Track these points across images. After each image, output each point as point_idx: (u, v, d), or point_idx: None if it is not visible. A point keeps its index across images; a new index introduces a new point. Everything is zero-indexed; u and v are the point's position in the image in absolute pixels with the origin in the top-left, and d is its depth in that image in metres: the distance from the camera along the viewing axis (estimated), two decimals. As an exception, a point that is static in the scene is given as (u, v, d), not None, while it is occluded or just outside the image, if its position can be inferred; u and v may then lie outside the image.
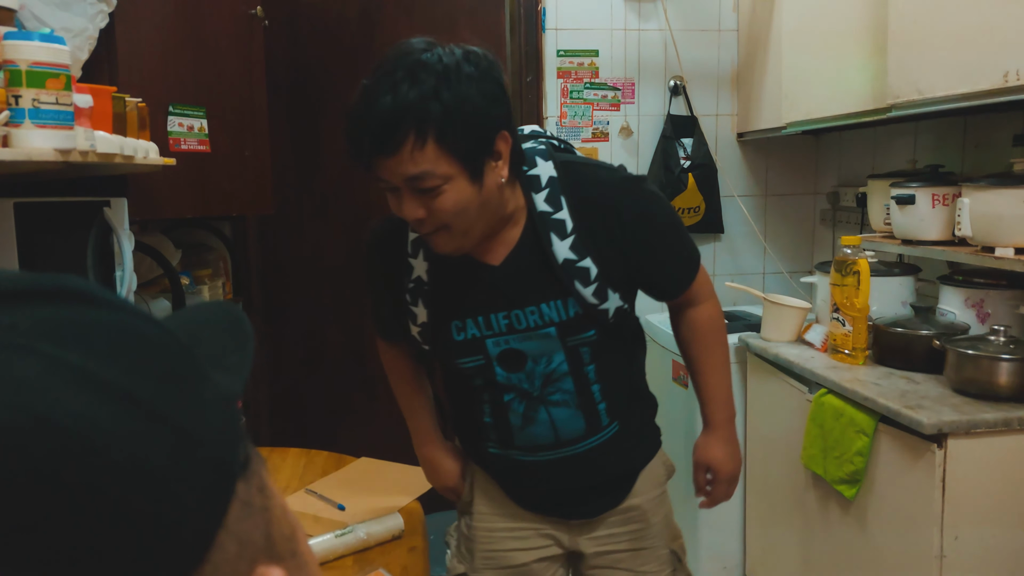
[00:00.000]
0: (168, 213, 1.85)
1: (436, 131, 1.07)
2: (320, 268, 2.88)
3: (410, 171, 1.09)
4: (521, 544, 1.42)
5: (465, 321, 1.27)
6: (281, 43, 2.72)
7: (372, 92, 1.09)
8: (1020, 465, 1.66)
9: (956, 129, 2.35)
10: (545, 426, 1.32)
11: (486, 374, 1.30)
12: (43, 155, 1.02)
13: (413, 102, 1.06)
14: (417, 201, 1.12)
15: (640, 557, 1.44)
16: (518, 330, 1.26)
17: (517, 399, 1.31)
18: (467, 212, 1.14)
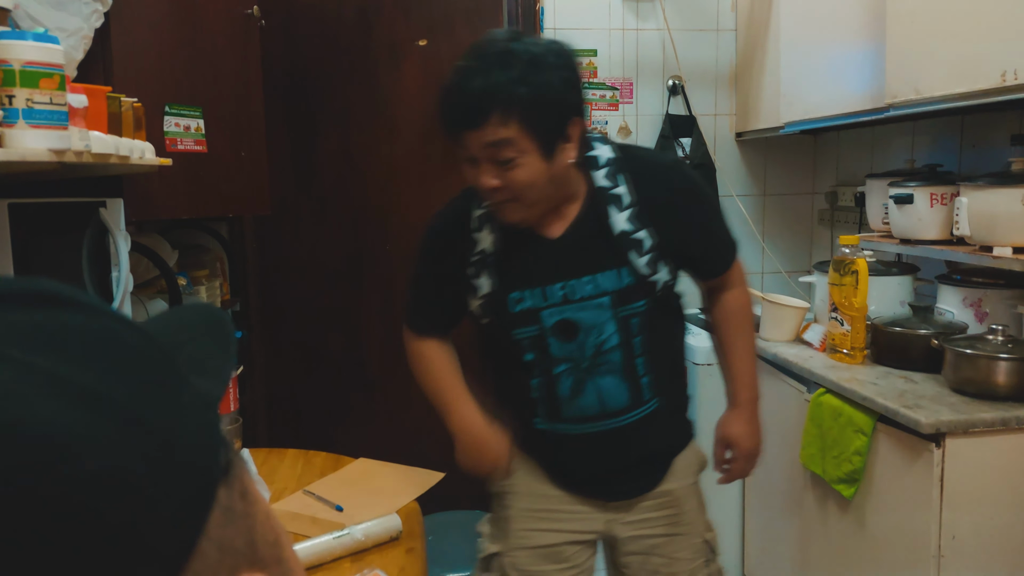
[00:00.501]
0: (164, 214, 1.84)
1: (520, 112, 1.20)
2: (318, 269, 2.88)
3: (490, 139, 1.22)
4: (556, 525, 1.47)
5: (523, 292, 1.36)
6: (277, 43, 2.71)
7: (465, 74, 1.22)
8: (1018, 464, 1.66)
9: (954, 128, 2.34)
10: (592, 397, 1.38)
11: (539, 345, 1.37)
12: (37, 155, 1.02)
13: (502, 84, 1.19)
14: (493, 172, 1.25)
15: (675, 543, 1.49)
16: (573, 300, 1.35)
17: (567, 370, 1.37)
18: (536, 186, 1.26)
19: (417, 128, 2.81)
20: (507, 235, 1.36)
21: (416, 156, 2.82)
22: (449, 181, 2.82)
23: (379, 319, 2.89)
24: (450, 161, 2.82)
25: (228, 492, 0.32)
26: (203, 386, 0.34)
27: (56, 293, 0.30)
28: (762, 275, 3.12)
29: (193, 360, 0.35)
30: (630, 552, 1.50)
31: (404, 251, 2.85)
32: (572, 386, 1.38)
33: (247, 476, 0.35)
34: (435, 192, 2.82)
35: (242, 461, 0.35)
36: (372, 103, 2.80)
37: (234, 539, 0.32)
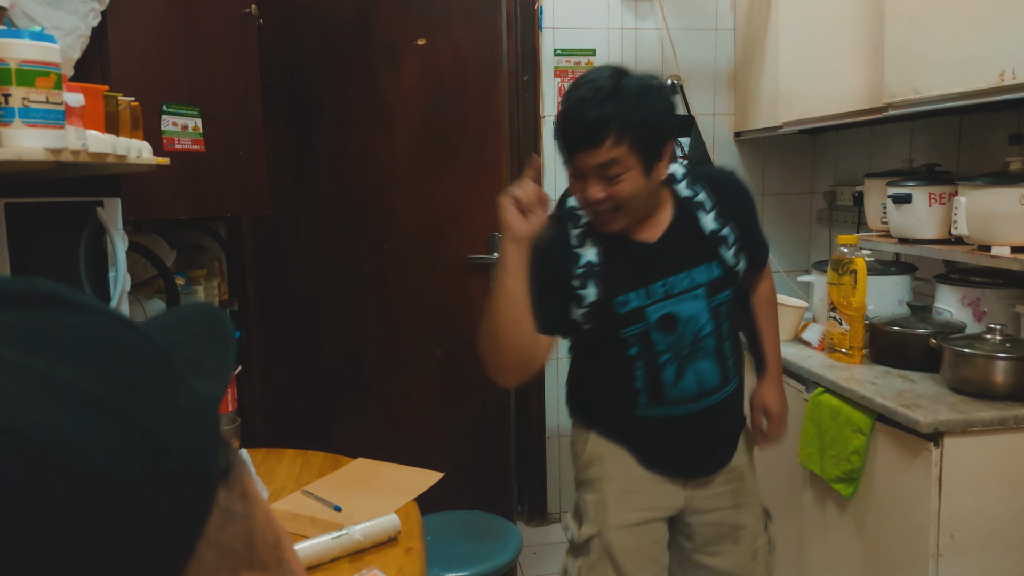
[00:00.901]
0: (162, 213, 1.84)
1: (630, 136, 1.41)
2: (316, 268, 2.88)
3: (602, 159, 1.42)
4: (645, 503, 1.64)
5: (628, 295, 1.53)
6: (276, 42, 2.71)
7: (584, 104, 1.43)
8: (1016, 463, 1.66)
9: (952, 128, 2.34)
10: (692, 380, 1.57)
11: (644, 340, 1.54)
12: (33, 155, 1.02)
13: (617, 114, 1.41)
14: (601, 186, 1.45)
15: (740, 512, 1.69)
16: (673, 295, 1.54)
17: (670, 359, 1.55)
18: (637, 197, 1.47)
19: (415, 127, 2.81)
20: (607, 246, 1.54)
21: (414, 155, 2.82)
22: (447, 180, 2.82)
23: (378, 319, 2.89)
24: (448, 159, 2.82)
25: (227, 494, 0.32)
26: (201, 387, 0.34)
27: (52, 293, 0.30)
28: (761, 275, 3.12)
29: (191, 360, 0.35)
30: (704, 523, 1.67)
31: (402, 250, 2.85)
32: (675, 372, 1.56)
33: (247, 477, 0.35)
34: (434, 191, 2.82)
35: (242, 462, 0.35)
36: (370, 102, 2.79)
37: (233, 541, 0.32)
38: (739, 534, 1.69)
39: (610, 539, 1.62)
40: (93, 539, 0.26)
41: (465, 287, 2.86)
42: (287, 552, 0.37)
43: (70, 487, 0.25)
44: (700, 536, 1.68)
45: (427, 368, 2.90)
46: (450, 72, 2.77)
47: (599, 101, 1.41)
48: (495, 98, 2.76)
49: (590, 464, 1.67)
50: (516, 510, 3.00)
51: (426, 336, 2.89)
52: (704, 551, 1.69)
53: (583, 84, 1.46)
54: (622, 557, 1.62)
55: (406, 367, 2.91)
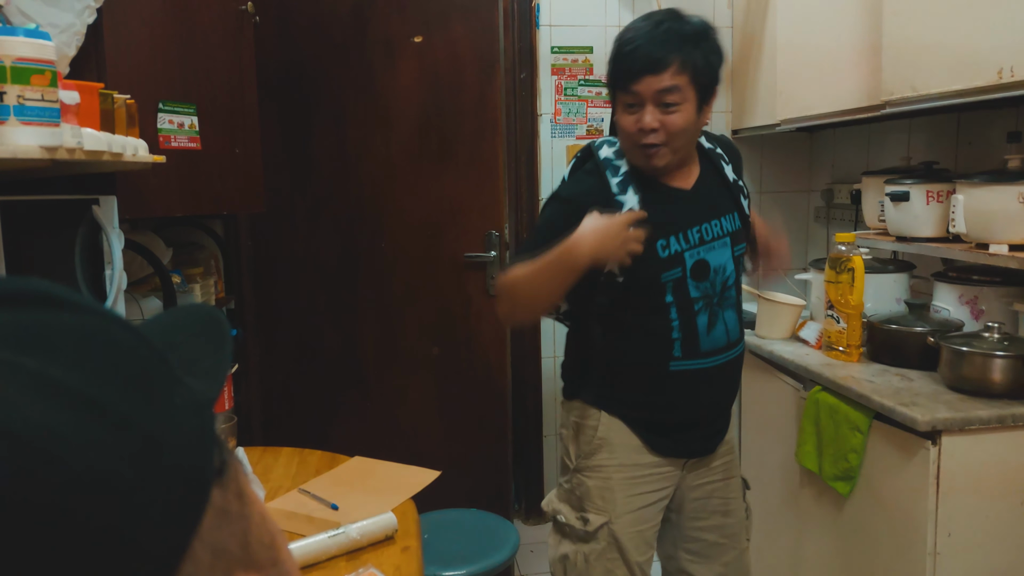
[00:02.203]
0: (158, 211, 1.83)
1: (692, 65, 1.48)
2: (313, 266, 2.87)
3: (665, 84, 1.47)
4: (649, 487, 1.65)
5: (668, 239, 1.56)
6: (272, 40, 2.70)
7: (646, 33, 1.48)
8: (1014, 461, 1.66)
9: (949, 126, 2.34)
10: (722, 329, 1.62)
11: (680, 286, 1.57)
12: (29, 153, 1.01)
13: (684, 41, 1.47)
14: (656, 114, 1.49)
15: (729, 486, 1.75)
16: (706, 241, 1.59)
17: (703, 307, 1.59)
18: (685, 132, 1.52)
19: (412, 125, 2.80)
20: (647, 192, 1.57)
21: (411, 153, 2.81)
22: (444, 178, 2.81)
23: (374, 317, 2.89)
24: (445, 157, 2.81)
25: (223, 493, 0.32)
26: (197, 386, 0.33)
27: (48, 293, 0.30)
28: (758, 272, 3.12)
29: (187, 360, 0.35)
30: (696, 498, 1.71)
31: (399, 248, 2.85)
32: (708, 320, 1.60)
33: (243, 477, 0.34)
34: (431, 189, 2.81)
35: (238, 462, 0.34)
36: (367, 100, 2.79)
37: (228, 541, 0.32)
38: (729, 507, 1.74)
39: (617, 528, 1.64)
40: (87, 539, 0.26)
41: (462, 285, 2.85)
42: (282, 552, 0.36)
43: (63, 487, 0.25)
44: (692, 510, 1.72)
45: (424, 366, 2.90)
46: (447, 69, 2.77)
47: (664, 31, 1.48)
48: (492, 95, 2.76)
49: (598, 449, 1.66)
50: (513, 508, 3.00)
51: (423, 334, 2.88)
52: (695, 524, 1.73)
53: (642, 21, 1.52)
54: (628, 543, 1.64)
55: (403, 365, 2.90)
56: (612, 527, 1.64)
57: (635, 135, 1.53)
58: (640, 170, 1.58)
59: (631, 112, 1.53)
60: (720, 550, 1.76)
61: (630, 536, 1.65)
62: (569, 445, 1.72)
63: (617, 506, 1.64)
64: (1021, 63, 1.57)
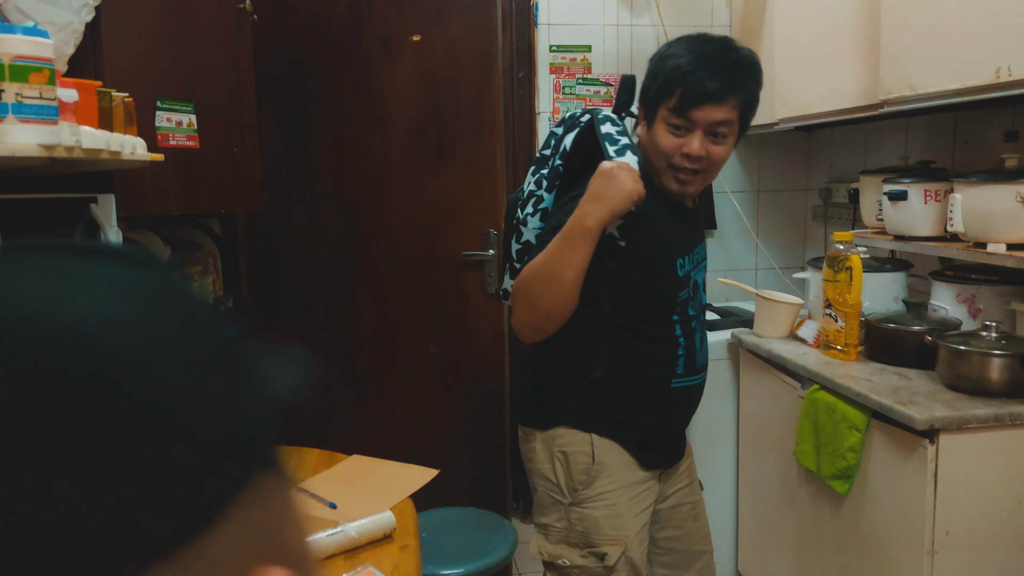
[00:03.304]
0: (156, 210, 1.82)
1: (744, 104, 1.50)
2: (311, 265, 2.87)
3: (722, 117, 1.48)
4: (646, 502, 1.65)
5: (684, 258, 1.59)
6: (270, 38, 2.69)
7: (715, 58, 1.47)
8: (1011, 460, 1.66)
9: (947, 125, 2.35)
10: (705, 348, 1.67)
11: (685, 305, 1.59)
12: (27, 151, 1.01)
13: (746, 79, 1.50)
14: (704, 143, 1.49)
15: (693, 489, 1.77)
16: (698, 262, 1.64)
17: (697, 325, 1.64)
18: (722, 162, 1.54)
19: (410, 123, 2.80)
20: (664, 208, 1.57)
21: (409, 152, 2.81)
22: (442, 177, 2.81)
23: (372, 315, 2.88)
24: (443, 156, 2.81)
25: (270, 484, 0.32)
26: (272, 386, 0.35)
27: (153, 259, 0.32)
28: (756, 271, 3.12)
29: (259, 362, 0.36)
30: (669, 506, 1.72)
31: (397, 246, 2.85)
32: (701, 337, 1.65)
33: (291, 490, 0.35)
34: (428, 187, 2.81)
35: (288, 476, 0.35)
36: (365, 98, 2.78)
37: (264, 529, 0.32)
38: (696, 511, 1.77)
39: (633, 552, 1.58)
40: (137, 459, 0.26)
41: (460, 284, 2.85)
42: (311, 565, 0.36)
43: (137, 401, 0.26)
44: (665, 520, 1.73)
45: (422, 365, 2.89)
46: (445, 68, 2.76)
47: (735, 62, 1.49)
48: (490, 94, 2.75)
49: (597, 476, 1.57)
50: (511, 507, 3.00)
51: (421, 333, 2.88)
52: (668, 535, 1.74)
53: (713, 41, 1.51)
54: (641, 564, 1.61)
55: (401, 364, 2.90)
56: (630, 554, 1.57)
57: (676, 158, 1.50)
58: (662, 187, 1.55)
59: (676, 135, 1.49)
60: (693, 557, 1.76)
61: (641, 557, 1.62)
62: (558, 478, 1.59)
63: (629, 530, 1.58)
64: (1019, 62, 1.58)
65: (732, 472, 2.59)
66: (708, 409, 2.48)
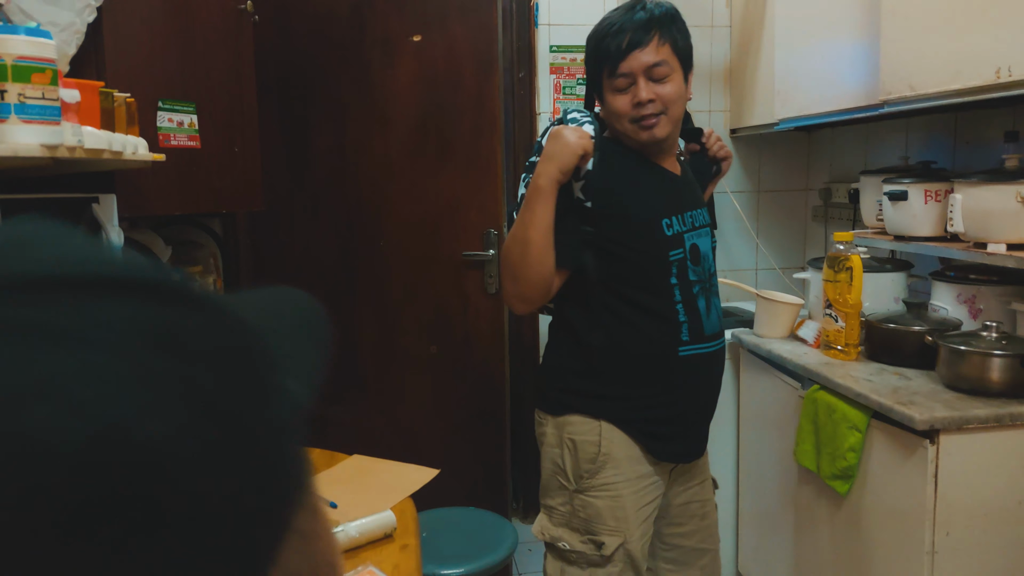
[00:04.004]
0: (157, 210, 1.83)
1: (671, 39, 1.54)
2: (311, 264, 2.87)
3: (653, 59, 1.52)
4: (650, 496, 1.64)
5: (672, 218, 1.58)
6: (271, 39, 2.70)
7: (626, 13, 1.54)
8: (1012, 460, 1.66)
9: (947, 125, 2.35)
10: (715, 314, 1.64)
11: (682, 267, 1.58)
12: (29, 151, 1.01)
13: (661, 18, 1.54)
14: (650, 87, 1.53)
15: (704, 488, 1.75)
16: (696, 227, 1.62)
17: (701, 290, 1.60)
18: (679, 102, 1.56)
19: (411, 124, 2.80)
20: (645, 170, 1.60)
21: (410, 152, 2.81)
22: (442, 177, 2.81)
23: (373, 315, 2.89)
24: (443, 156, 2.81)
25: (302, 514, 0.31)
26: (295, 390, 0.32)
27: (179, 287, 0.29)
28: (756, 271, 3.12)
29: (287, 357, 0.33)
30: (678, 503, 1.71)
31: (397, 246, 2.85)
32: (705, 303, 1.61)
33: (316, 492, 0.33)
34: (429, 188, 2.81)
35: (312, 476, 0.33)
36: (366, 98, 2.79)
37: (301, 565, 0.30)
38: (705, 509, 1.75)
39: (632, 546, 1.59)
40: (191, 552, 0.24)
41: (460, 283, 2.85)
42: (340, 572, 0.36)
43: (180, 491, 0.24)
44: (673, 516, 1.72)
45: (422, 365, 2.90)
46: (445, 68, 2.77)
47: (640, 12, 1.54)
48: (490, 94, 2.76)
49: (603, 466, 1.58)
50: (512, 507, 3.00)
51: (421, 332, 2.88)
52: (675, 531, 1.73)
53: (614, 12, 1.57)
54: (640, 558, 1.61)
55: (401, 364, 2.90)
56: (628, 547, 1.59)
57: (632, 112, 1.54)
58: (638, 146, 1.59)
59: (624, 94, 1.55)
60: (697, 554, 1.75)
61: (640, 550, 1.61)
62: (565, 464, 1.62)
63: (630, 523, 1.59)
64: (1019, 63, 1.58)
65: (732, 472, 2.59)
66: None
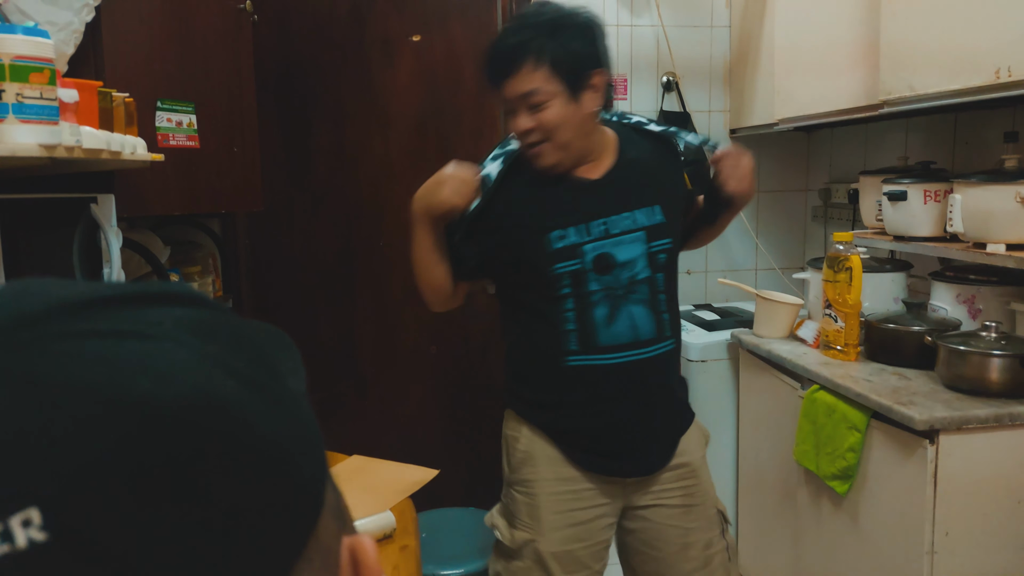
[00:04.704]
0: (156, 210, 1.82)
1: (548, 61, 1.43)
2: (311, 265, 2.87)
3: (525, 88, 1.44)
4: (584, 503, 1.58)
5: (567, 229, 1.51)
6: (270, 38, 2.69)
7: (503, 34, 1.49)
8: (1011, 460, 1.66)
9: (947, 126, 2.35)
10: (626, 323, 1.52)
11: (579, 278, 1.51)
12: (27, 151, 1.01)
13: (531, 39, 1.43)
14: (528, 115, 1.46)
15: (691, 514, 1.61)
16: (613, 234, 1.52)
17: (603, 298, 1.51)
18: (565, 127, 1.47)
19: (410, 123, 2.80)
20: (545, 181, 1.54)
21: (410, 151, 2.81)
22: (443, 177, 2.81)
23: (372, 315, 2.88)
24: (443, 156, 2.81)
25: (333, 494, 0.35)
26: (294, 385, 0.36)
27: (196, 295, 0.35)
28: (756, 271, 3.12)
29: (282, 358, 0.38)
30: (649, 523, 1.61)
31: (397, 247, 2.85)
32: (608, 312, 1.52)
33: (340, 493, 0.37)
34: (429, 188, 2.81)
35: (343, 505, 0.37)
36: (365, 98, 2.79)
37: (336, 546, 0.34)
38: (688, 539, 1.60)
39: (543, 547, 1.57)
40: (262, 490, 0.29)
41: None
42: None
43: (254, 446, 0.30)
44: (645, 536, 1.61)
45: (422, 365, 2.89)
46: (445, 68, 2.77)
47: (516, 29, 1.46)
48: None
49: (523, 464, 1.61)
50: (511, 507, 3.00)
51: (421, 333, 2.88)
52: (650, 555, 1.62)
53: (511, 19, 1.52)
54: (553, 563, 1.56)
55: (401, 364, 2.90)
56: (537, 546, 1.57)
57: (519, 138, 1.51)
58: None
59: (510, 117, 1.51)
60: None
61: (559, 556, 1.57)
62: (503, 457, 1.67)
63: (543, 524, 1.57)
64: (1018, 63, 1.58)
65: (732, 472, 2.59)
66: (708, 409, 2.48)
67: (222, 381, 0.30)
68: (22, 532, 0.24)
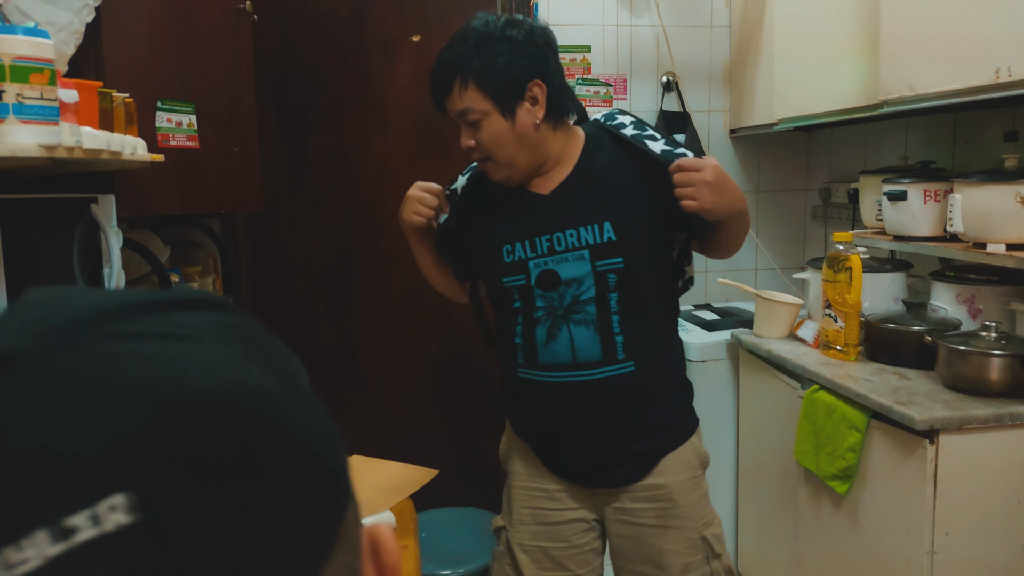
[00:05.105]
0: (156, 210, 1.83)
1: (474, 79, 1.40)
2: (310, 265, 2.87)
3: (458, 107, 1.43)
4: (556, 504, 1.59)
5: (515, 244, 1.50)
6: (270, 39, 2.70)
7: (439, 53, 1.46)
8: (1011, 460, 1.66)
9: (946, 125, 2.35)
10: (565, 344, 1.48)
11: (527, 294, 1.50)
12: (28, 151, 1.01)
13: (459, 57, 1.42)
14: (468, 133, 1.46)
15: (667, 535, 1.55)
16: (557, 251, 1.48)
17: (544, 316, 1.49)
18: (504, 144, 1.44)
19: (410, 123, 2.80)
20: (502, 194, 1.54)
21: (409, 151, 2.81)
22: (442, 176, 2.81)
23: (372, 315, 2.88)
24: (443, 156, 2.81)
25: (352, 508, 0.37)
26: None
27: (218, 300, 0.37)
28: (756, 271, 3.12)
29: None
30: (622, 535, 1.58)
31: (397, 247, 2.85)
32: (547, 331, 1.49)
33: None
34: (429, 188, 2.81)
35: None
36: (365, 98, 2.79)
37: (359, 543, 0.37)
38: (662, 560, 1.55)
39: (516, 535, 1.64)
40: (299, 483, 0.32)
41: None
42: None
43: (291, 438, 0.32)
44: (619, 548, 1.61)
45: (422, 364, 2.90)
46: (445, 68, 2.76)
47: (447, 47, 1.46)
48: (490, 94, 2.75)
49: (507, 457, 1.70)
50: (511, 507, 3.00)
51: (421, 332, 2.88)
52: (628, 568, 1.61)
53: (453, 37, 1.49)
54: (521, 555, 1.62)
55: (401, 363, 2.90)
56: (508, 534, 1.65)
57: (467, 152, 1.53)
58: None
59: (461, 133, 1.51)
60: None
61: (529, 550, 1.61)
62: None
63: (513, 515, 1.64)
64: (1018, 63, 1.58)
65: (732, 472, 2.59)
66: (708, 409, 2.48)
67: (261, 378, 0.32)
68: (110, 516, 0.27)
